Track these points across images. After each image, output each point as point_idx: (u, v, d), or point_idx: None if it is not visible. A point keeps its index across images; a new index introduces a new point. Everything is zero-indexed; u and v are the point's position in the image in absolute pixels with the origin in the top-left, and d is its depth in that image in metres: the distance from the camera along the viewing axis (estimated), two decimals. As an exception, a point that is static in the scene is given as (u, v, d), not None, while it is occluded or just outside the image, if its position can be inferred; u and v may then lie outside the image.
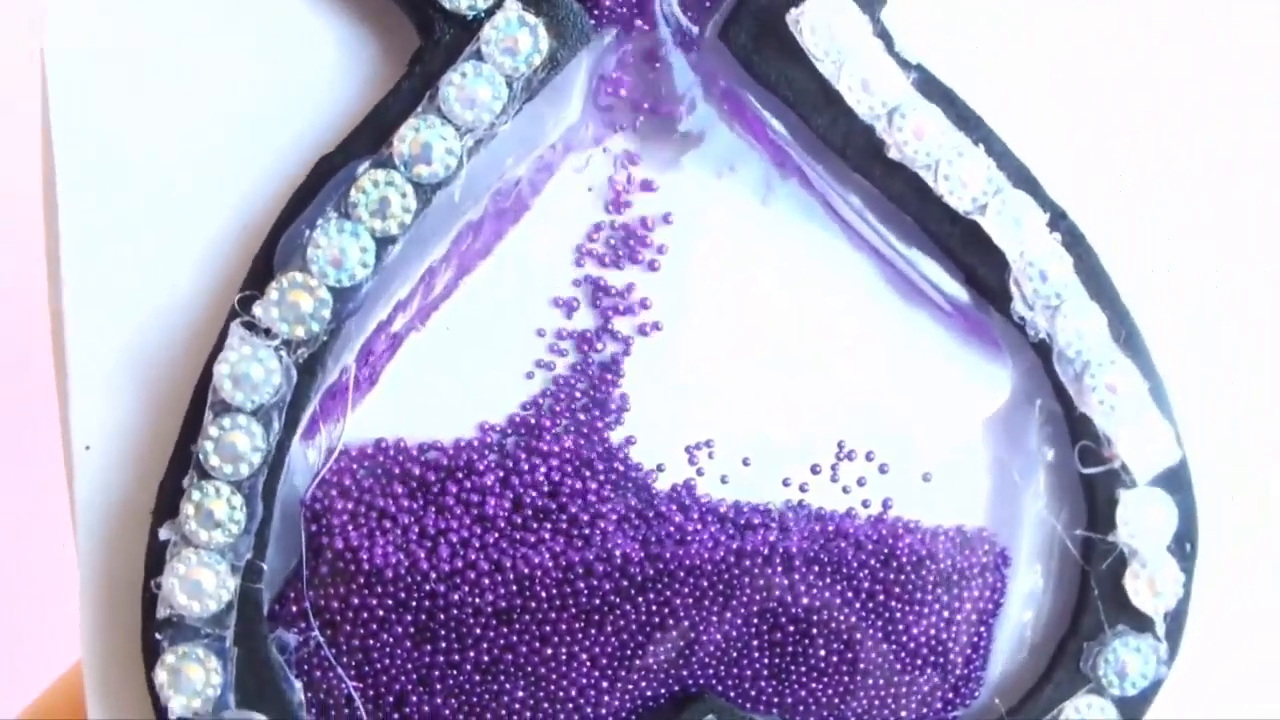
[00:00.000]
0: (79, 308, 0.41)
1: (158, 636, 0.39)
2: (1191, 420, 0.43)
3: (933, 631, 0.43)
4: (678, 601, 0.42)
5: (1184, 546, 0.44)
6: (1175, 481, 0.43)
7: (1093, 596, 0.44)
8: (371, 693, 0.41)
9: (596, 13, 0.41)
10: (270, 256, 0.40)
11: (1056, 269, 0.42)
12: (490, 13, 0.40)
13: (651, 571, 0.41)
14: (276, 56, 0.41)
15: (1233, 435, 0.44)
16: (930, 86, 0.42)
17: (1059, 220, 0.43)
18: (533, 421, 0.42)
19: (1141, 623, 0.43)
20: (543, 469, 0.41)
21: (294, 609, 0.41)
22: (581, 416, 0.42)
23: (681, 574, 0.41)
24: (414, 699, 0.41)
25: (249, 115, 0.41)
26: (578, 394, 0.42)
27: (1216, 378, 0.44)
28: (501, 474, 0.41)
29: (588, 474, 0.41)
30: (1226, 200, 0.44)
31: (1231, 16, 0.43)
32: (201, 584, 0.39)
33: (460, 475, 0.41)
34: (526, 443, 0.41)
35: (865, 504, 0.43)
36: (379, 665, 0.41)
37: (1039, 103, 0.43)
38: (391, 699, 0.41)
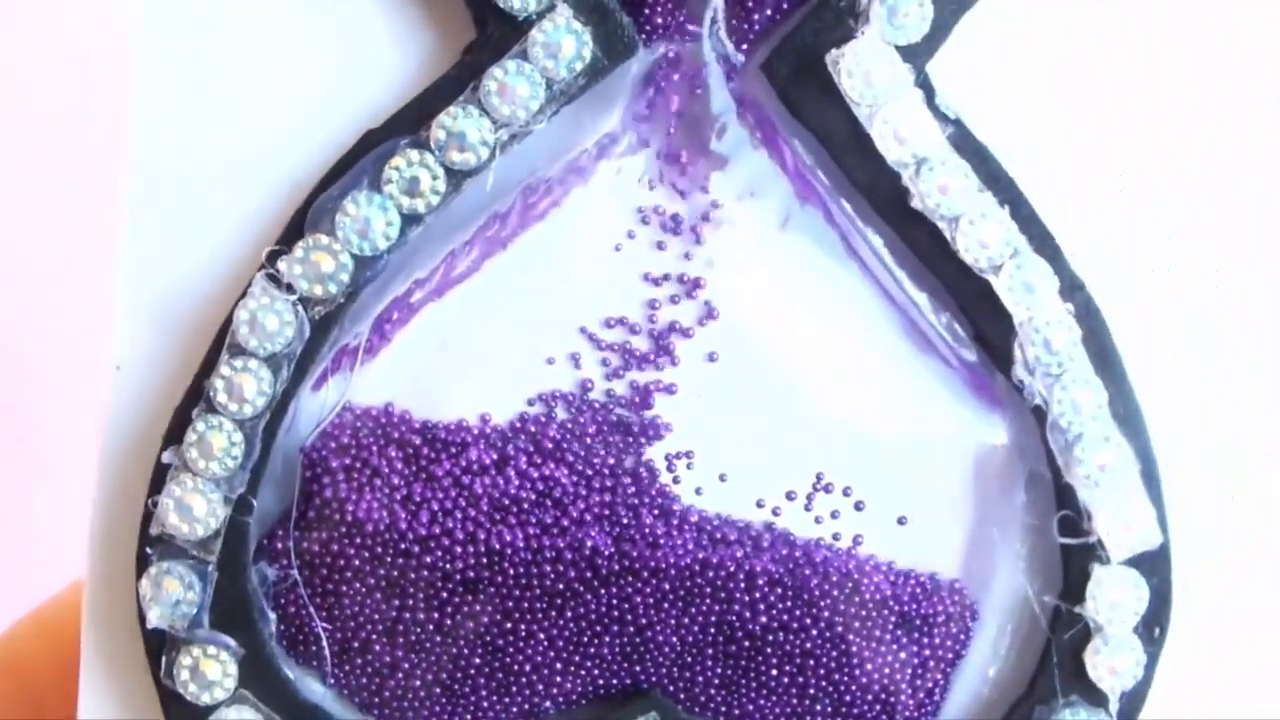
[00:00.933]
0: (138, 238, 0.44)
1: (148, 551, 0.42)
2: (1191, 420, 0.44)
3: (887, 671, 0.44)
4: (638, 599, 0.43)
5: (1152, 630, 0.44)
6: (1153, 565, 0.44)
7: (1051, 663, 0.44)
8: (339, 635, 0.44)
9: (648, 28, 0.43)
10: (304, 218, 0.42)
11: (1062, 339, 0.43)
12: (542, 15, 0.42)
13: (617, 567, 0.43)
14: (343, 39, 0.43)
15: (1233, 435, 0.45)
16: (965, 142, 0.43)
17: (1075, 291, 0.43)
18: (533, 429, 0.43)
19: (1096, 698, 0.44)
20: (536, 473, 0.43)
21: (279, 546, 0.43)
22: (593, 432, 0.44)
23: (645, 574, 0.43)
24: (377, 648, 0.44)
25: (312, 90, 0.43)
26: (596, 416, 0.44)
27: (1216, 378, 0.44)
28: (495, 457, 0.43)
29: (585, 489, 0.43)
30: (1226, 200, 0.44)
31: (1232, 16, 0.43)
32: (193, 509, 0.42)
33: (454, 452, 0.43)
34: (528, 445, 0.43)
35: (836, 537, 0.44)
36: (348, 611, 0.43)
37: (1040, 102, 0.43)
38: (356, 644, 0.44)
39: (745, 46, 0.43)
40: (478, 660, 0.44)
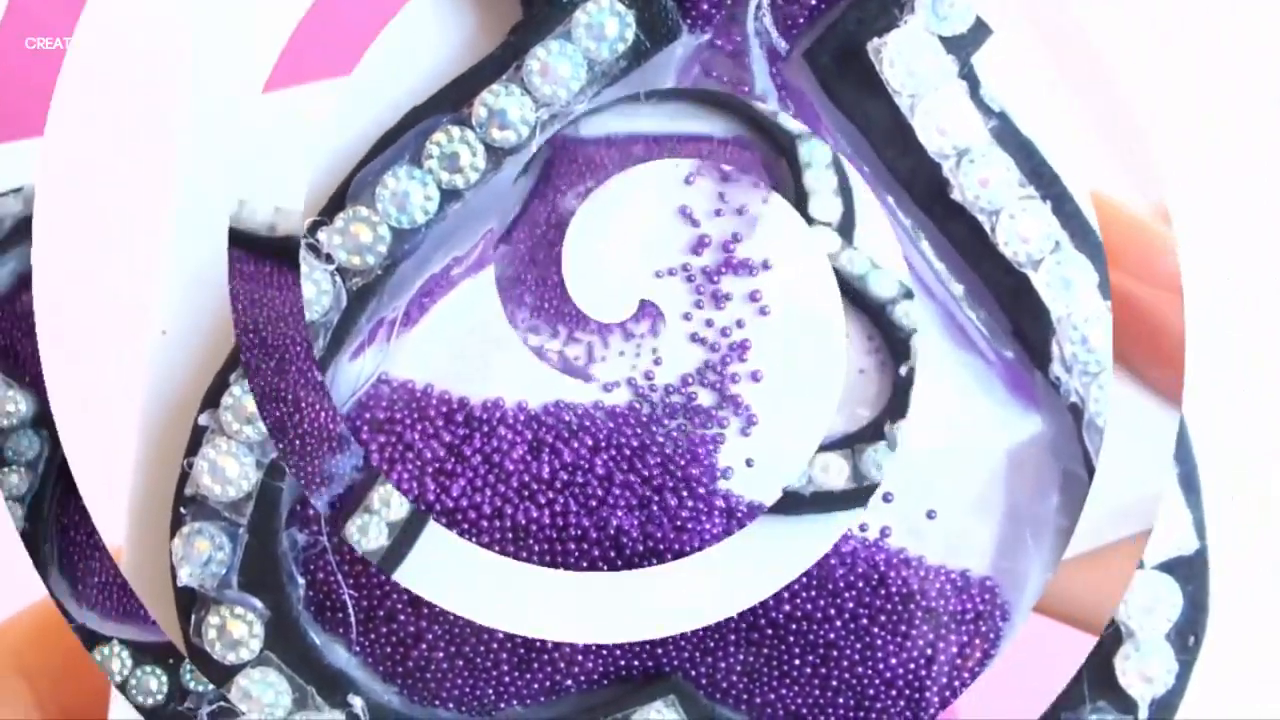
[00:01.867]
0: (188, 206, 0.45)
1: (182, 510, 0.43)
2: (1191, 420, 0.43)
3: (912, 666, 0.44)
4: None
5: (1186, 639, 0.43)
6: (1189, 571, 0.43)
7: (1081, 667, 0.43)
8: (365, 604, 0.44)
9: (694, 14, 0.43)
10: (346, 190, 0.43)
11: (1100, 337, 0.42)
12: (587, -3, 0.42)
13: (642, 549, 0.43)
14: (397, 19, 0.44)
15: (1233, 435, 0.44)
16: (1009, 136, 0.43)
17: (1116, 290, 0.43)
18: (566, 416, 0.44)
19: (1125, 704, 0.43)
20: (568, 454, 0.43)
21: (310, 512, 0.44)
22: (627, 417, 0.44)
23: (669, 556, 0.43)
24: (402, 618, 0.44)
25: (365, 69, 0.44)
26: (639, 413, 0.44)
27: (1216, 378, 0.44)
28: (529, 436, 0.44)
29: (614, 470, 0.43)
30: (1229, 201, 0.44)
31: (1234, 16, 0.43)
32: (226, 471, 0.43)
33: (487, 430, 0.44)
34: (560, 427, 0.44)
35: (863, 528, 0.44)
36: (375, 580, 0.44)
37: (1040, 101, 0.43)
38: (382, 613, 0.44)
39: (791, 34, 0.43)
40: (500, 635, 0.44)
